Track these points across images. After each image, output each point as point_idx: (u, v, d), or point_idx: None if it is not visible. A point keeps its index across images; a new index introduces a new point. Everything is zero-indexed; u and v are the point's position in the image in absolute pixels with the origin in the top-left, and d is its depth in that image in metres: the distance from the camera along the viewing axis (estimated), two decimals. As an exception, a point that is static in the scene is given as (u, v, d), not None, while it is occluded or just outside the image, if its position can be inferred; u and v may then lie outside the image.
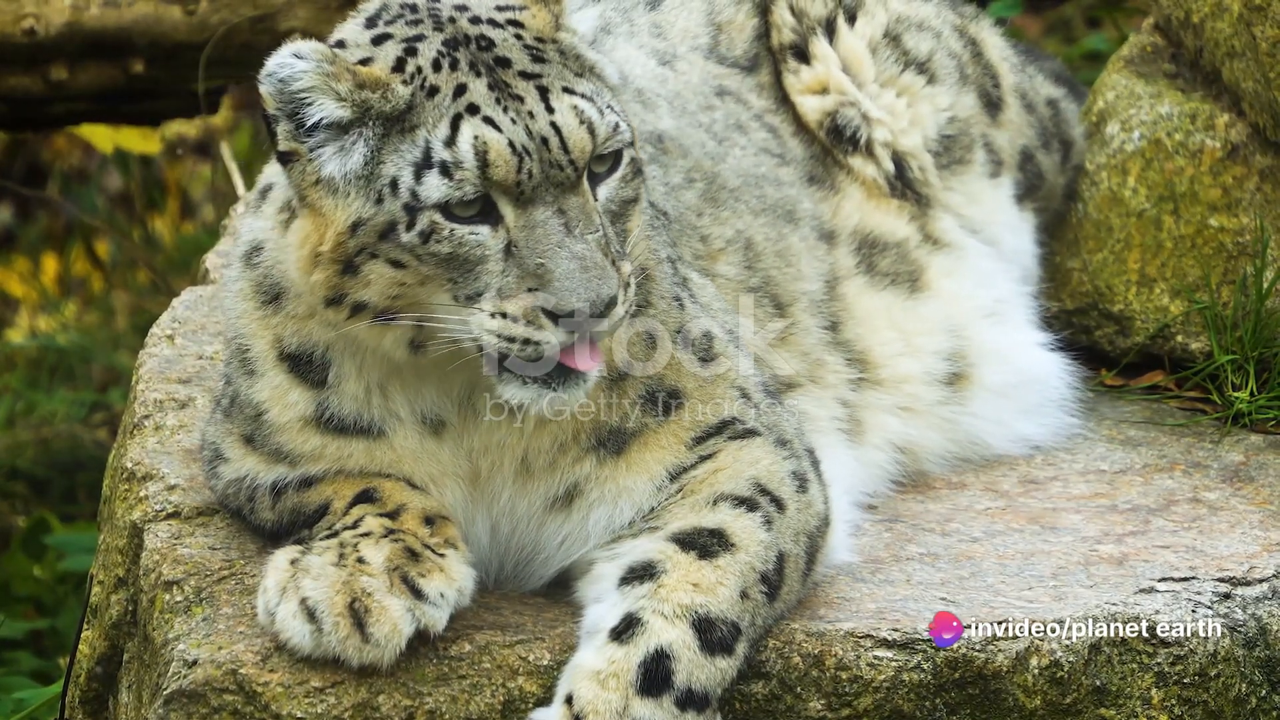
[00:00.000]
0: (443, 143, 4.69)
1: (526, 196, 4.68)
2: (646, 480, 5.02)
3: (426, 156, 4.69)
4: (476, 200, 4.69)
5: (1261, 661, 5.05)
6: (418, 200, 4.68)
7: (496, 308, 4.68)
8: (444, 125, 4.70)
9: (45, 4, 8.25)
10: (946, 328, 6.01)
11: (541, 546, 5.05)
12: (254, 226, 5.10)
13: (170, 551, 5.14)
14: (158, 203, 11.28)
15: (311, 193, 4.77)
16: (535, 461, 5.00)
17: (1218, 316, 6.30)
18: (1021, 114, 6.46)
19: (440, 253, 4.69)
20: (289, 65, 4.70)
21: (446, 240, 4.68)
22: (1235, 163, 6.34)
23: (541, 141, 4.68)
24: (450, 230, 4.68)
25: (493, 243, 4.69)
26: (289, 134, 4.75)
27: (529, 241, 4.68)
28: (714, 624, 4.75)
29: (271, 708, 4.74)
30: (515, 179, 4.67)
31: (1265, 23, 6.06)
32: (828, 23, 6.21)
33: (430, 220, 4.68)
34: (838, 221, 6.02)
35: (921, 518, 5.63)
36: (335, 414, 4.99)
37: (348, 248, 4.74)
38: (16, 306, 11.12)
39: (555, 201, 4.69)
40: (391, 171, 4.70)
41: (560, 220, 4.68)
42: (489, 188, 4.68)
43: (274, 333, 5.02)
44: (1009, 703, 4.91)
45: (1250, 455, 6.00)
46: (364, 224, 4.72)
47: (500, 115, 4.69)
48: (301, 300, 4.92)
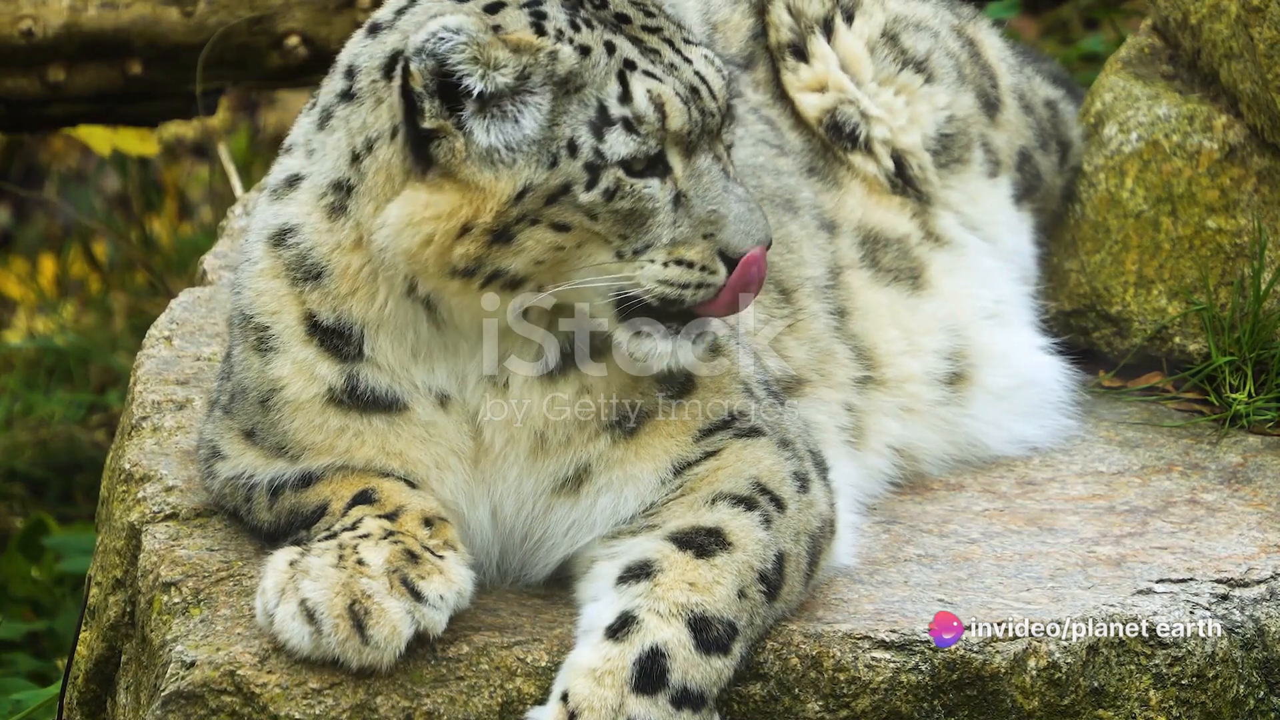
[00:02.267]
0: (617, 100, 4.77)
1: (692, 145, 4.82)
2: (653, 470, 5.02)
3: (603, 115, 4.77)
4: (655, 154, 4.79)
5: (1259, 663, 5.06)
6: (601, 158, 4.76)
7: (671, 256, 4.79)
8: (613, 82, 4.78)
9: (43, 5, 8.25)
10: (947, 327, 6.02)
11: (549, 533, 5.04)
12: (283, 213, 5.04)
13: (168, 553, 5.14)
14: (155, 204, 11.28)
15: (462, 168, 4.77)
16: (553, 437, 5.00)
17: (1215, 318, 6.30)
18: (1019, 114, 6.46)
19: (622, 209, 4.77)
20: (447, 38, 4.70)
21: (629, 196, 4.77)
22: (1233, 164, 6.35)
23: (692, 91, 4.80)
24: (631, 185, 4.77)
25: (663, 195, 4.80)
26: (436, 111, 4.75)
27: (698, 189, 4.82)
28: (710, 623, 4.75)
29: (269, 709, 4.74)
30: (687, 129, 4.79)
31: (1263, 24, 6.06)
32: (825, 22, 6.23)
33: (615, 177, 4.76)
34: (840, 215, 6.04)
35: (919, 519, 5.63)
36: (368, 386, 4.97)
37: (509, 216, 4.77)
38: (14, 308, 11.11)
39: (710, 149, 4.85)
40: (568, 133, 4.76)
41: (719, 166, 4.85)
42: (665, 140, 4.79)
43: (306, 308, 5.00)
44: (1007, 704, 4.91)
45: (1248, 456, 6.01)
46: (532, 189, 4.76)
47: (655, 69, 4.81)
48: (397, 273, 4.87)
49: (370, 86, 4.89)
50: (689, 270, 4.80)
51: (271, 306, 5.03)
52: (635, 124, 4.77)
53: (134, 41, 8.35)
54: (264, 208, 5.12)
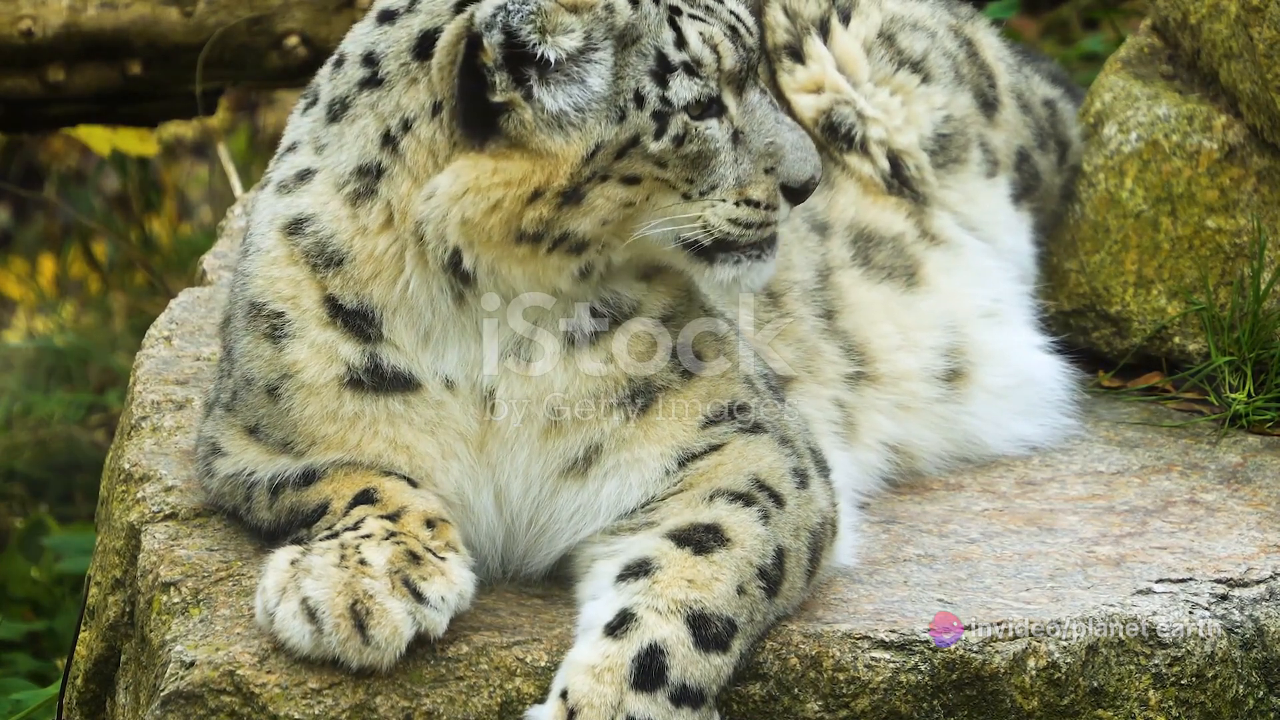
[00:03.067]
0: (674, 45, 4.84)
1: (741, 82, 4.91)
2: (659, 455, 5.02)
3: (663, 62, 4.83)
4: (715, 96, 4.87)
5: (1259, 663, 5.06)
6: (669, 105, 4.82)
7: (741, 195, 4.89)
8: (666, 29, 4.85)
9: (43, 5, 8.25)
10: (945, 324, 6.02)
11: (554, 517, 5.04)
12: (296, 204, 5.03)
13: (167, 553, 5.14)
14: (155, 204, 11.28)
15: (532, 138, 4.80)
16: (566, 413, 5.01)
17: (1215, 318, 6.31)
18: (1017, 114, 6.46)
19: (690, 153, 4.84)
20: (516, 9, 4.74)
21: (696, 139, 4.84)
22: (1233, 164, 6.35)
23: (732, 30, 4.88)
24: (697, 129, 4.84)
25: (722, 134, 4.88)
26: (506, 84, 4.79)
27: (753, 125, 4.92)
28: (709, 620, 4.75)
29: (269, 709, 4.74)
30: (739, 67, 4.89)
31: (1262, 24, 6.07)
32: (822, 23, 6.24)
33: (682, 122, 4.83)
34: (832, 215, 6.04)
35: (919, 519, 5.63)
36: (390, 364, 4.97)
37: (581, 176, 4.81)
38: (14, 308, 11.12)
39: (756, 85, 4.95)
40: (633, 85, 4.82)
41: (767, 99, 4.95)
42: (722, 82, 4.87)
43: (326, 292, 5.00)
44: (1006, 704, 4.92)
45: (1247, 456, 6.01)
46: (604, 146, 4.81)
47: (698, 11, 4.88)
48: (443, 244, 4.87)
49: (401, 69, 4.90)
50: (755, 210, 4.91)
51: (287, 292, 5.03)
52: (695, 67, 4.84)
53: (133, 41, 8.35)
54: (270, 202, 5.11)
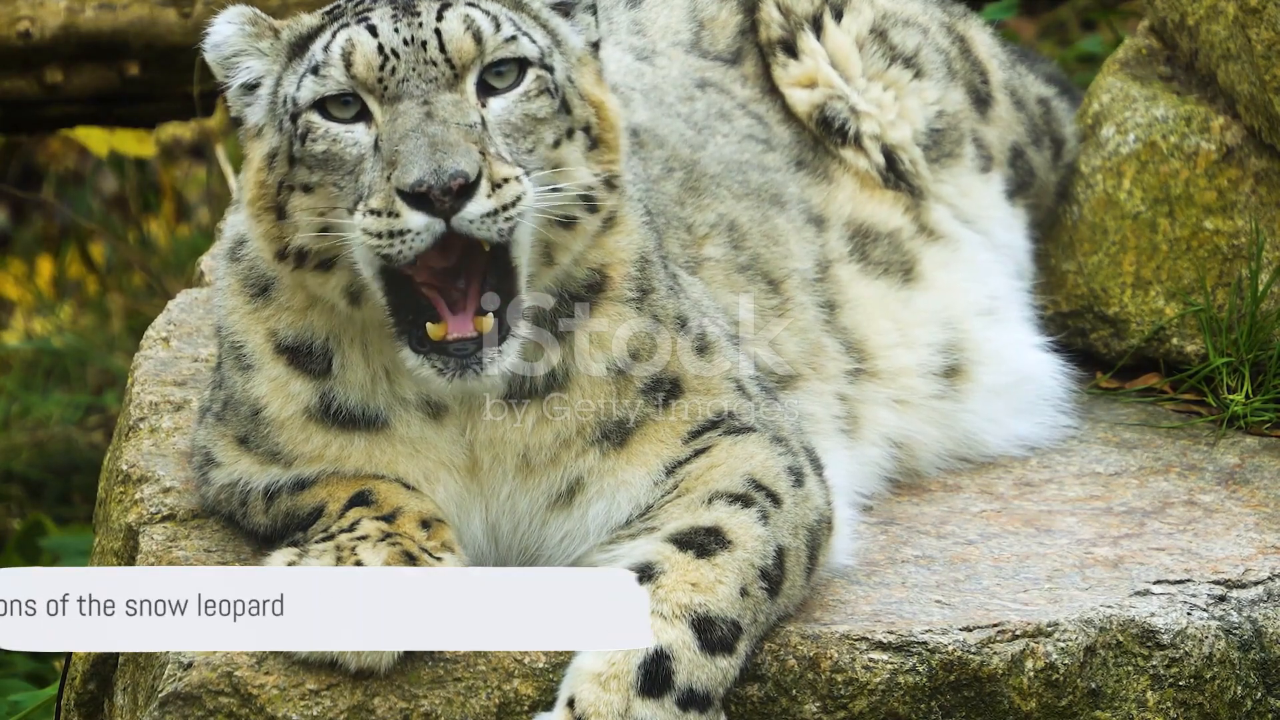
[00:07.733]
0: (322, 49, 4.85)
1: (391, 94, 4.78)
2: (644, 474, 5.02)
3: (311, 67, 4.86)
4: (349, 99, 4.80)
5: (1257, 664, 5.06)
6: (297, 105, 4.84)
7: (367, 206, 4.74)
8: (327, 36, 4.87)
9: (40, 6, 8.25)
10: (942, 320, 6.01)
11: (544, 545, 5.04)
12: (234, 221, 5.17)
13: (165, 554, 5.14)
14: (153, 205, 11.28)
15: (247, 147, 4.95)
16: (536, 458, 5.00)
17: (1213, 319, 6.30)
18: (1011, 110, 6.46)
19: (316, 151, 4.80)
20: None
21: (321, 138, 4.81)
22: (1230, 165, 6.35)
23: (421, 44, 4.79)
24: (325, 129, 4.81)
25: (365, 139, 4.80)
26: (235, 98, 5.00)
27: (389, 132, 4.76)
28: (714, 623, 4.75)
29: (267, 710, 4.74)
30: (378, 76, 4.78)
31: (1260, 26, 6.06)
32: (815, 19, 6.25)
33: (307, 121, 4.83)
34: (829, 209, 6.04)
35: (916, 520, 5.63)
36: (341, 404, 4.98)
37: (269, 186, 4.86)
38: (12, 309, 11.11)
39: (423, 97, 4.77)
40: (287, 90, 4.87)
41: (423, 110, 4.75)
42: (355, 86, 4.80)
43: (267, 326, 5.04)
44: (1004, 705, 4.91)
45: (1245, 458, 6.00)
46: (277, 153, 4.87)
47: (385, 24, 4.82)
48: (276, 275, 4.97)
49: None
50: (377, 218, 4.72)
51: (240, 324, 5.11)
52: (321, 68, 4.83)
53: (131, 43, 8.35)
54: (229, 217, 5.21)
